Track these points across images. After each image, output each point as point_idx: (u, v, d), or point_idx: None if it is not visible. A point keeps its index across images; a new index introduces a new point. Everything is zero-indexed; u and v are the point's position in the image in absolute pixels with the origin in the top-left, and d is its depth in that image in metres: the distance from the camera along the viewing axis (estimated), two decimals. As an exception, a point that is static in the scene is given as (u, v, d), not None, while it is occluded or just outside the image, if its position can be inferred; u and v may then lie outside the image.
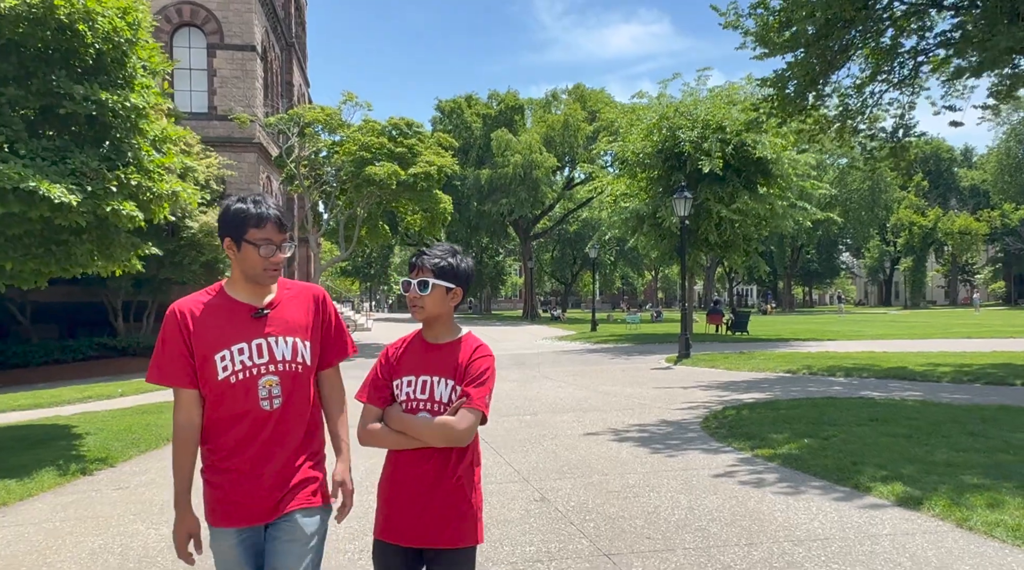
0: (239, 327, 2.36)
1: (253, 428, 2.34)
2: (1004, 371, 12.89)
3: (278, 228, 2.36)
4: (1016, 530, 4.54)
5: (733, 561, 4.30)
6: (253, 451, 2.33)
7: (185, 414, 2.36)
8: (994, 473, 5.91)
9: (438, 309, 2.38)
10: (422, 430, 2.30)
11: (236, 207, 2.36)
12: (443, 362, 2.38)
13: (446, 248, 2.43)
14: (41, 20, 7.64)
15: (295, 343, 2.39)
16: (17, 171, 7.25)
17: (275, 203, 2.41)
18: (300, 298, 2.48)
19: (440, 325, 2.43)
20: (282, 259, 2.39)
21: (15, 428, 10.47)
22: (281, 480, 2.35)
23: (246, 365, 2.34)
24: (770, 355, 18.14)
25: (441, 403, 2.34)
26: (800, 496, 5.66)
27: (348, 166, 25.82)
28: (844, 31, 12.21)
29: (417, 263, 2.39)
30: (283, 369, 2.37)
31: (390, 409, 2.37)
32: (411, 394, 2.37)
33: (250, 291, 2.42)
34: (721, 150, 22.18)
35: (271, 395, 2.35)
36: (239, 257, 2.36)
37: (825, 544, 4.53)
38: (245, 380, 2.33)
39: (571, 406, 11.00)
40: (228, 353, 2.33)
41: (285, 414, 2.37)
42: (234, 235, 2.34)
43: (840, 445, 7.26)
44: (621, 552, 4.53)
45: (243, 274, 2.39)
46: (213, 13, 27.02)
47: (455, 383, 2.36)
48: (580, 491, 6.03)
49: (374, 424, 2.37)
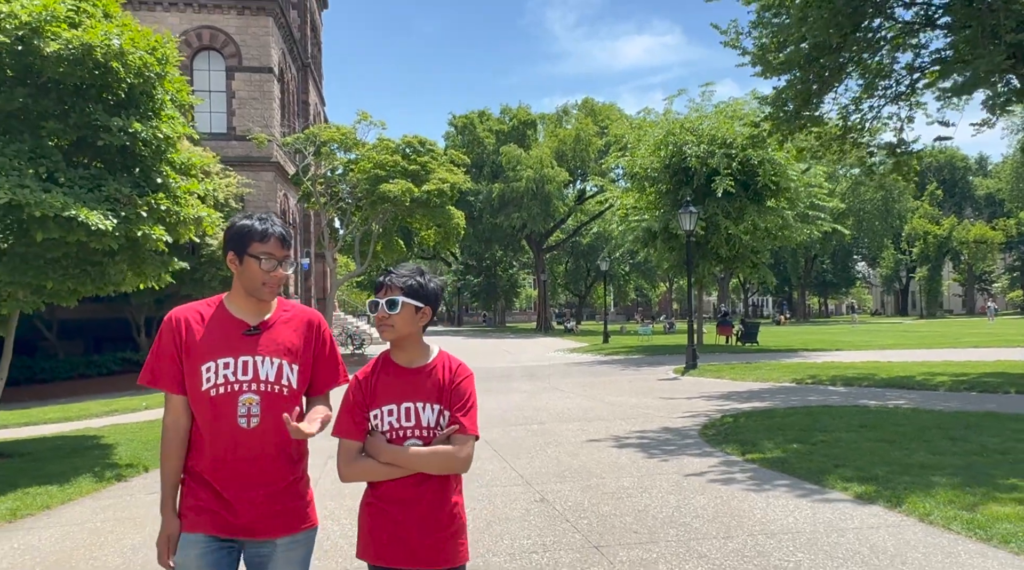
0: (229, 341, 2.37)
1: (229, 444, 2.33)
2: (999, 380, 13.22)
3: (281, 244, 2.39)
4: (971, 523, 4.97)
5: (709, 551, 4.77)
6: (228, 467, 2.33)
7: (172, 419, 2.39)
8: (963, 474, 6.33)
9: (408, 328, 2.35)
10: (419, 461, 2.29)
11: (242, 223, 2.40)
12: (424, 386, 2.35)
13: (413, 268, 2.42)
14: (80, 60, 8.25)
15: (281, 365, 2.39)
16: (59, 200, 7.83)
17: (281, 222, 2.45)
18: (295, 321, 2.48)
19: (411, 346, 2.40)
20: (283, 276, 2.41)
21: (49, 439, 11.08)
22: (256, 500, 2.34)
23: (228, 380, 2.34)
24: (775, 365, 18.51)
25: (429, 428, 2.32)
26: (779, 494, 6.10)
27: (363, 183, 26.49)
28: (834, 55, 12.67)
29: (385, 282, 2.37)
30: (265, 389, 2.36)
31: (374, 441, 2.32)
32: (394, 423, 2.33)
33: (248, 307, 2.43)
34: (728, 165, 22.65)
35: (249, 413, 2.33)
36: (241, 271, 2.38)
37: (795, 537, 4.99)
38: (226, 395, 2.33)
39: (577, 415, 11.46)
40: (213, 365, 2.34)
41: (263, 434, 2.34)
42: (237, 249, 2.37)
43: (825, 449, 7.69)
44: (609, 544, 5.00)
45: (243, 289, 2.41)
46: (232, 37, 27.88)
47: (441, 407, 2.34)
48: (577, 493, 6.50)
49: (361, 459, 2.32)
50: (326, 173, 29.09)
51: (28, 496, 7.11)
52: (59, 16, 8.09)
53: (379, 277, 2.42)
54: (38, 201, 7.66)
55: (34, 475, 8.05)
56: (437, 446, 2.30)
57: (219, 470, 2.33)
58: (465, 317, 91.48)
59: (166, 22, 27.12)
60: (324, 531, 5.67)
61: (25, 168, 7.99)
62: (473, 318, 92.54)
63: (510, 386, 16.38)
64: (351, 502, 6.45)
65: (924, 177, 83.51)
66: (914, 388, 13.10)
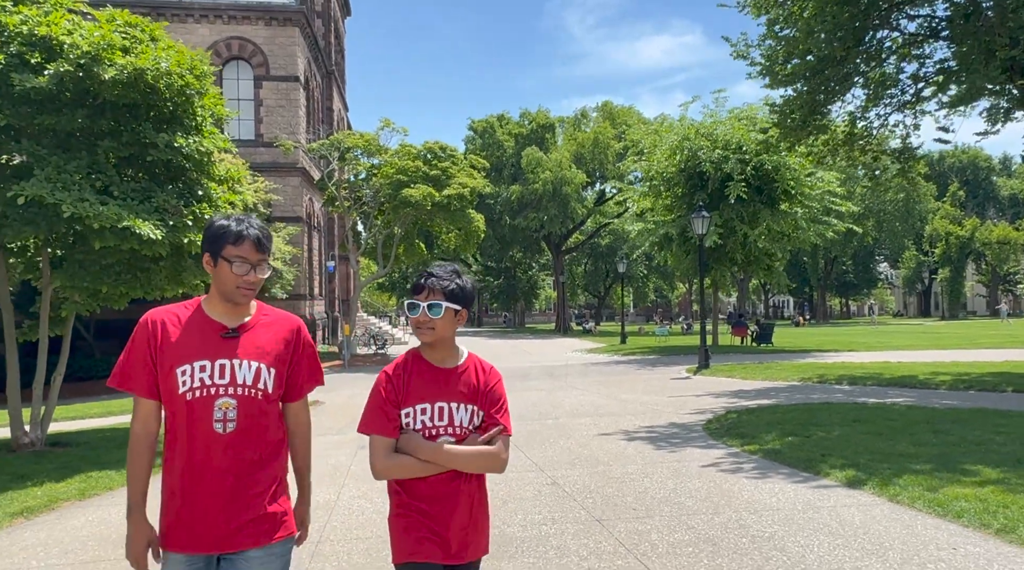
0: (206, 344, 2.32)
1: (205, 450, 2.27)
2: (999, 379, 13.68)
3: (256, 248, 2.34)
4: (932, 501, 5.57)
5: (697, 524, 5.42)
6: (204, 474, 2.27)
7: (141, 424, 2.33)
8: (937, 461, 6.91)
9: (448, 332, 2.37)
10: (461, 459, 2.30)
11: (219, 224, 2.36)
12: (457, 386, 2.36)
13: (451, 269, 2.40)
14: (132, 83, 9.05)
15: (259, 368, 2.35)
16: (115, 212, 8.62)
17: (259, 225, 2.40)
18: (276, 326, 2.45)
19: (445, 347, 2.41)
20: (257, 280, 2.36)
21: (99, 431, 11.93)
22: (234, 510, 2.29)
23: (204, 383, 2.28)
24: (785, 365, 19.02)
25: (463, 427, 2.34)
26: (768, 480, 6.73)
27: (386, 188, 27.32)
28: (838, 67, 13.21)
29: (426, 284, 2.35)
30: (242, 393, 2.31)
31: (411, 439, 2.31)
32: (427, 422, 2.32)
33: (225, 310, 2.39)
34: (741, 170, 23.18)
35: (225, 418, 2.28)
36: (215, 273, 2.35)
37: (775, 513, 5.62)
38: (202, 398, 2.28)
39: (590, 411, 12.11)
40: (189, 368, 2.29)
41: (239, 439, 2.30)
42: (212, 250, 2.34)
43: (818, 441, 8.29)
44: (610, 518, 5.67)
45: (218, 291, 2.37)
46: (260, 47, 28.84)
47: (475, 407, 2.36)
48: (585, 477, 7.17)
49: (397, 455, 2.30)
50: (350, 178, 29.97)
51: (92, 479, 7.90)
52: (115, 44, 8.89)
53: (418, 279, 2.39)
54: (97, 213, 8.45)
55: (93, 462, 8.86)
56: (481, 446, 2.32)
57: (195, 478, 2.27)
58: (485, 318, 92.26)
59: (197, 33, 28.15)
60: (358, 509, 6.38)
61: (84, 183, 8.80)
62: (493, 319, 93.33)
63: (528, 384, 17.06)
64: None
65: (946, 178, 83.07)
66: (916, 387, 13.60)
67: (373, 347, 32.85)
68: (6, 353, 10.01)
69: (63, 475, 8.10)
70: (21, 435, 9.82)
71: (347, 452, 9.03)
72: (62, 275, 9.56)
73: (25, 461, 9.03)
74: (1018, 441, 7.71)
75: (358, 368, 24.87)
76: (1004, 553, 4.52)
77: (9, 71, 8.35)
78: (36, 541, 5.72)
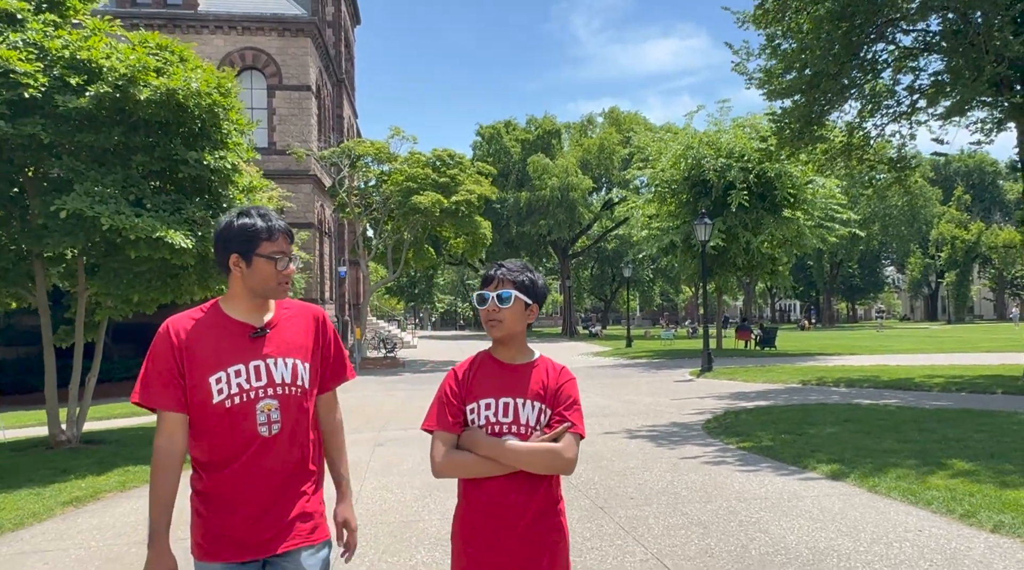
0: (236, 348, 2.22)
1: (251, 455, 2.19)
2: (991, 381, 14.17)
3: (288, 239, 2.29)
4: (906, 491, 6.10)
5: (690, 510, 5.95)
6: (251, 480, 2.19)
7: (167, 439, 2.20)
8: (917, 456, 7.43)
9: (518, 325, 2.26)
10: (522, 456, 2.15)
11: (243, 222, 2.25)
12: (525, 383, 2.25)
13: (522, 263, 2.31)
14: (164, 102, 9.65)
15: (295, 365, 2.27)
16: (148, 224, 9.20)
17: (276, 214, 2.35)
18: (299, 318, 2.37)
19: (516, 344, 2.30)
20: (294, 270, 2.32)
21: (128, 430, 12.54)
22: (280, 511, 2.22)
23: (243, 388, 2.20)
24: (786, 368, 19.51)
25: (528, 426, 2.20)
26: (759, 473, 7.26)
27: (396, 195, 27.90)
28: (833, 80, 13.74)
29: (496, 275, 2.26)
30: (282, 392, 2.24)
31: (472, 434, 2.20)
32: (491, 417, 2.21)
33: (249, 309, 2.29)
34: (744, 178, 23.71)
35: (270, 420, 2.21)
36: (248, 273, 2.24)
37: (762, 501, 6.15)
38: (242, 404, 2.19)
39: (595, 412, 12.63)
40: (224, 375, 2.19)
41: (284, 440, 2.23)
42: (243, 250, 2.23)
43: (809, 439, 8.81)
44: (611, 506, 6.21)
45: (250, 290, 2.26)
46: (273, 57, 29.52)
47: (543, 405, 2.23)
48: (590, 472, 7.71)
49: (457, 452, 2.19)
50: (360, 185, 30.60)
51: (129, 473, 8.48)
52: (149, 67, 9.49)
53: (488, 270, 2.33)
54: (132, 225, 9.03)
55: (128, 457, 9.44)
56: (543, 443, 2.17)
57: (241, 485, 2.19)
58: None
59: (212, 44, 28.85)
60: (380, 499, 6.94)
61: (119, 196, 9.40)
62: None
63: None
64: (400, 478, 7.76)
65: (952, 182, 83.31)
66: (910, 389, 14.09)
67: (383, 350, 33.40)
68: (44, 356, 10.62)
69: (102, 469, 8.68)
70: (58, 433, 10.42)
71: (365, 449, 9.59)
72: (98, 282, 10.17)
73: (64, 457, 9.62)
74: (995, 438, 8.23)
75: (369, 371, 25.47)
76: (963, 534, 5.05)
77: (52, 93, 8.95)
78: (90, 526, 6.29)
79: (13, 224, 10.00)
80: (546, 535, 2.19)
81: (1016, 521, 5.08)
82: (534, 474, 2.17)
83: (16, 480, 8.10)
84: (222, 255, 2.26)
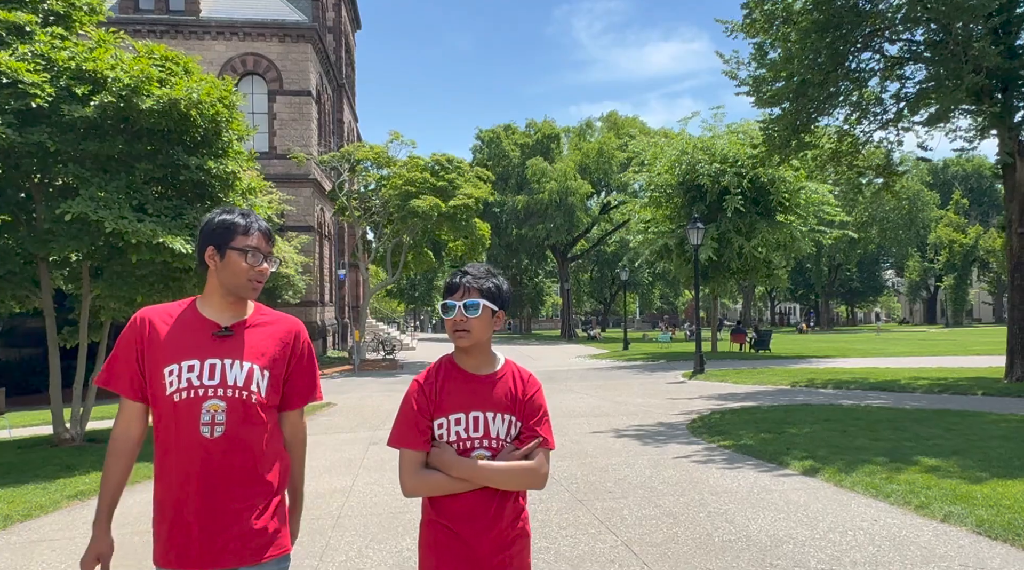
0: (196, 343, 2.21)
1: (191, 456, 2.14)
2: (973, 383, 14.48)
3: (265, 239, 2.29)
4: (870, 486, 6.42)
5: (664, 503, 6.28)
6: (190, 483, 2.14)
7: (123, 425, 2.24)
8: (887, 454, 7.76)
9: (485, 334, 2.22)
10: (497, 476, 2.13)
11: (222, 217, 2.28)
12: (493, 395, 2.20)
13: (485, 268, 2.27)
14: (167, 112, 10.00)
15: (251, 369, 2.22)
16: (150, 228, 9.55)
17: (261, 218, 2.36)
18: (273, 327, 2.33)
19: (481, 352, 2.25)
20: (267, 270, 2.29)
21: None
22: (220, 523, 2.15)
23: (192, 384, 2.16)
24: (778, 371, 19.84)
25: (499, 439, 2.17)
26: (735, 469, 7.59)
27: (395, 199, 28.25)
28: (819, 89, 14.08)
29: (461, 283, 2.21)
30: (232, 395, 2.18)
31: (442, 453, 2.15)
32: (461, 433, 2.17)
33: (221, 308, 2.28)
34: (738, 183, 24.06)
35: (213, 421, 2.15)
36: (221, 267, 2.24)
37: (733, 494, 6.48)
38: (188, 400, 2.15)
39: (585, 412, 12.96)
40: (177, 368, 2.17)
41: (228, 445, 2.16)
42: (218, 243, 2.24)
43: (788, 438, 9.13)
44: (590, 499, 6.54)
45: (222, 286, 2.26)
46: (273, 63, 29.91)
47: (513, 418, 2.20)
48: (574, 468, 8.03)
49: (427, 472, 2.15)
50: (360, 189, 30.97)
51: (137, 468, 8.79)
52: (152, 77, 9.85)
53: (452, 277, 2.26)
54: (135, 230, 9.38)
55: (130, 454, 9.76)
56: (519, 461, 2.16)
57: (181, 488, 2.15)
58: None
59: (214, 49, 29.25)
60: (371, 493, 7.26)
61: (123, 202, 9.74)
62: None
63: (529, 388, 17.89)
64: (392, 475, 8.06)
65: (950, 186, 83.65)
66: (895, 390, 14.41)
67: (382, 352, 33.75)
68: (49, 357, 10.95)
69: (106, 465, 9.01)
70: (62, 431, 10.76)
71: (359, 448, 9.92)
72: (102, 285, 10.51)
73: (69, 454, 9.95)
74: (963, 436, 8.55)
75: (367, 372, 25.82)
76: (915, 523, 5.38)
77: (59, 102, 9.31)
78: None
79: (19, 229, 10.33)
80: (513, 542, 2.19)
81: (964, 511, 5.41)
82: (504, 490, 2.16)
83: (23, 476, 8.44)
84: (201, 249, 2.28)
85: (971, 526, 5.16)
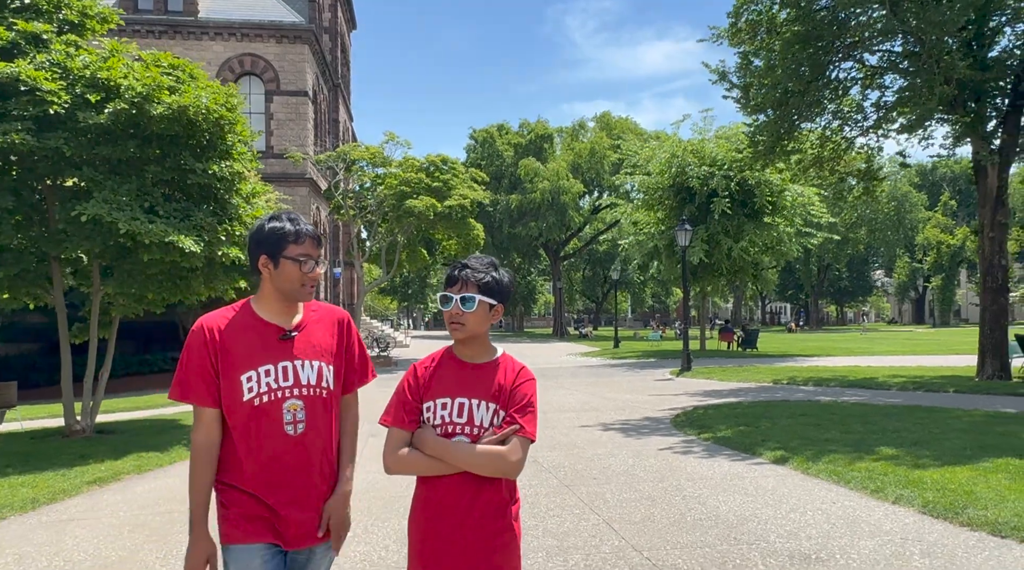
0: (266, 348, 2.33)
1: (276, 453, 2.30)
2: (947, 381, 15.10)
3: (315, 244, 2.38)
4: (833, 473, 6.98)
5: (644, 488, 6.82)
6: (274, 477, 2.30)
7: (204, 434, 2.33)
8: (854, 445, 8.32)
9: (481, 328, 2.26)
10: (466, 458, 2.17)
11: (272, 225, 2.35)
12: (482, 383, 2.25)
13: (487, 261, 2.30)
14: (176, 118, 10.46)
15: (320, 367, 2.38)
16: (161, 229, 10.03)
17: (305, 220, 2.43)
18: (325, 321, 2.47)
19: (478, 344, 2.30)
20: (319, 274, 2.39)
21: (135, 422, 13.34)
22: (303, 508, 2.34)
23: (271, 387, 2.30)
24: (762, 369, 20.43)
25: (481, 427, 2.21)
26: (712, 459, 8.14)
27: (390, 199, 28.75)
28: (801, 98, 14.65)
29: (460, 276, 2.24)
30: (307, 393, 2.35)
31: (422, 432, 2.23)
32: (446, 417, 2.23)
33: (279, 311, 2.39)
34: (726, 186, 24.65)
35: (295, 419, 2.32)
36: (275, 274, 2.33)
37: (707, 481, 7.02)
38: (270, 403, 2.30)
39: (575, 407, 13.50)
40: (255, 374, 2.30)
41: (308, 440, 2.34)
42: (271, 252, 2.32)
43: (764, 431, 9.69)
44: (576, 484, 7.07)
45: (277, 292, 2.36)
46: (271, 63, 30.33)
47: (497, 406, 2.23)
48: (561, 458, 8.57)
49: (404, 449, 2.24)
50: (356, 188, 31.44)
51: (143, 458, 9.30)
52: (163, 85, 10.32)
53: (452, 269, 2.30)
54: (146, 230, 9.86)
55: (140, 445, 10.25)
56: (488, 446, 2.18)
57: (265, 480, 2.30)
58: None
59: (212, 50, 29.64)
60: (372, 479, 7.78)
61: (134, 204, 10.22)
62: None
63: (521, 384, 18.42)
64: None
65: (938, 188, 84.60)
66: (872, 388, 15.01)
67: (376, 350, 34.24)
68: (60, 352, 11.41)
69: (118, 455, 9.49)
70: (73, 423, 11.23)
71: (359, 439, 10.38)
72: (113, 283, 10.98)
73: (81, 445, 10.43)
74: (926, 430, 9.13)
75: (363, 369, 26.25)
76: (869, 505, 5.93)
77: (75, 109, 9.77)
78: (115, 500, 7.12)
79: (34, 229, 10.78)
80: (496, 536, 2.20)
81: (914, 494, 5.96)
82: (481, 477, 2.19)
83: (40, 464, 8.92)
84: (253, 256, 2.37)
85: (918, 506, 5.72)
